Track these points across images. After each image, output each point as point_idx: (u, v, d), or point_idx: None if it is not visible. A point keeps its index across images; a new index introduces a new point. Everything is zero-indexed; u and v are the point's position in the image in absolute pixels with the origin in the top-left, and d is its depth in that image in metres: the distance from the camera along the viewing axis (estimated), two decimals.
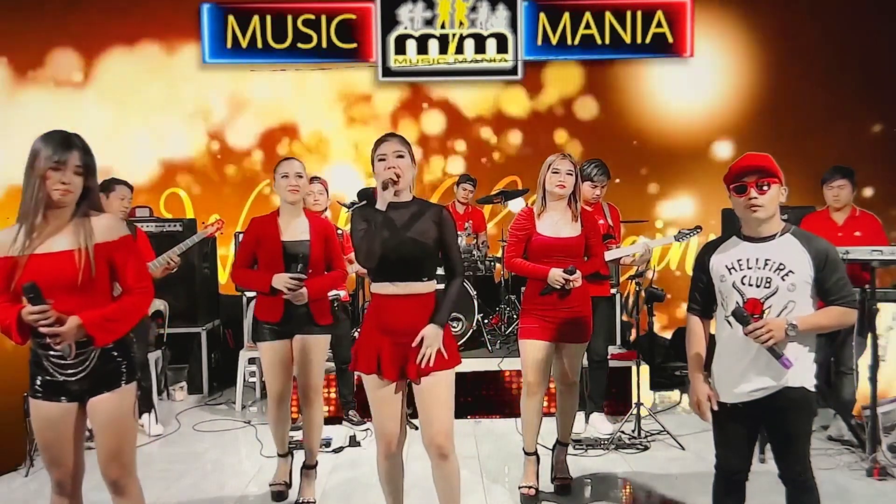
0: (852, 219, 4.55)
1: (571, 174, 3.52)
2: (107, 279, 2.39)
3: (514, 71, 7.26)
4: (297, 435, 4.37)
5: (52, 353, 2.30)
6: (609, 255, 4.42)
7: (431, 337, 2.67)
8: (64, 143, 2.30)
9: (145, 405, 4.73)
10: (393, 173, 2.65)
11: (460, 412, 2.77)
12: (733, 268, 2.46)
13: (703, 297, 2.60)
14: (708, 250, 2.58)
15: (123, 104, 7.10)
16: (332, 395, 5.08)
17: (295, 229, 3.54)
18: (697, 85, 7.20)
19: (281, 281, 3.39)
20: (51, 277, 2.26)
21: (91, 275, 2.31)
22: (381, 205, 2.62)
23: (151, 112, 7.14)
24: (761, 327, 2.32)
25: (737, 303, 2.43)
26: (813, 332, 2.41)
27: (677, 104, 7.23)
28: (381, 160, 2.71)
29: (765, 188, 2.39)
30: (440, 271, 2.83)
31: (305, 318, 3.51)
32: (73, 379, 2.33)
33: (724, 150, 7.17)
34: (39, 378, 2.35)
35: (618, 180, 5.60)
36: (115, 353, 2.39)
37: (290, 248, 3.49)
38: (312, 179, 4.66)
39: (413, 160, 2.78)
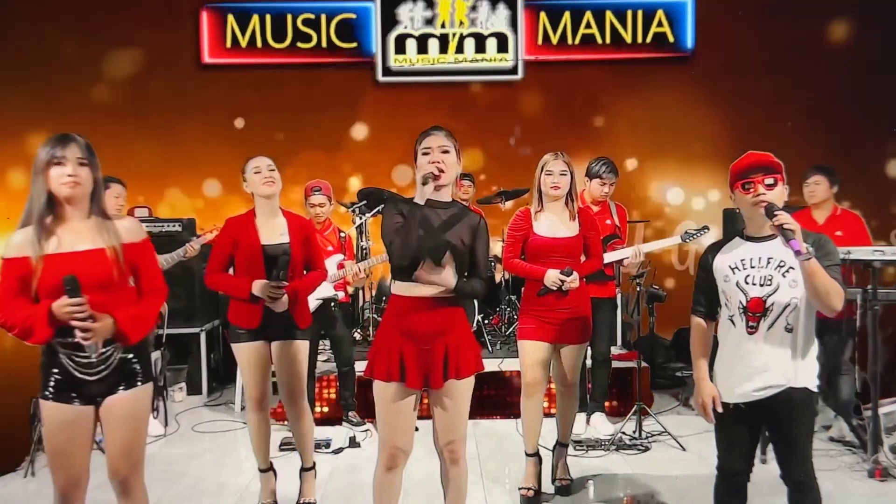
0: (833, 217, 4.51)
1: (566, 174, 3.50)
2: (128, 280, 2.44)
3: (514, 70, 7.27)
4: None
5: (76, 351, 2.31)
6: (608, 257, 4.40)
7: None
8: (62, 138, 2.34)
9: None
10: (435, 167, 2.54)
11: None
12: (737, 267, 2.47)
13: (706, 298, 2.61)
14: (711, 251, 2.58)
15: None
16: (329, 396, 5.09)
17: (273, 230, 3.39)
18: None
19: (262, 288, 3.26)
20: (81, 275, 2.26)
21: (119, 274, 2.36)
22: (419, 199, 2.51)
23: None
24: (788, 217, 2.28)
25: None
26: (809, 282, 2.28)
27: None
28: (424, 153, 2.58)
29: (772, 185, 2.39)
30: None
31: (286, 322, 3.39)
32: (94, 379, 2.34)
33: None
34: (53, 379, 2.35)
35: None
36: (131, 355, 2.42)
37: (270, 251, 3.33)
38: (313, 190, 4.67)
39: (459, 158, 2.65)
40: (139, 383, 2.43)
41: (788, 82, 7.01)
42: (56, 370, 2.35)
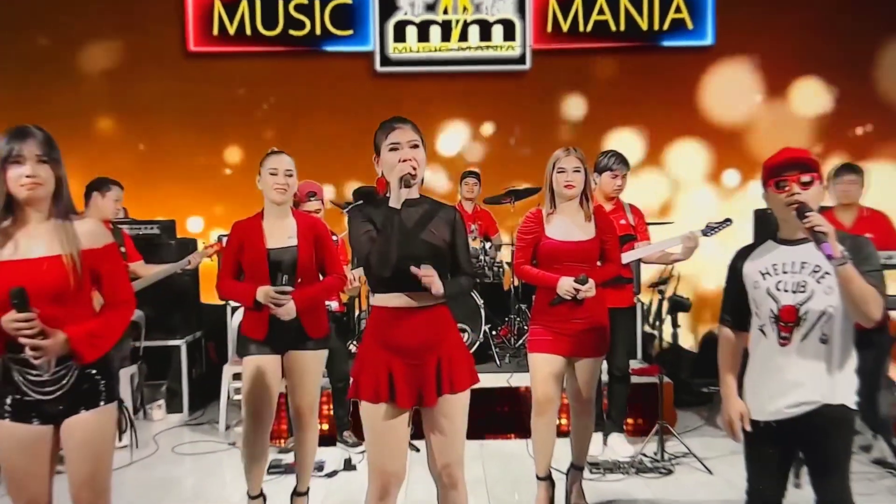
0: (861, 219, 4.42)
1: (579, 171, 3.45)
2: (89, 289, 2.36)
3: (521, 60, 7.25)
4: (287, 458, 4.35)
5: (28, 368, 2.26)
6: (629, 256, 4.33)
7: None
8: (18, 132, 2.27)
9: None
10: (410, 167, 2.50)
11: (466, 432, 2.73)
12: (768, 273, 2.42)
13: (736, 307, 2.56)
14: (741, 256, 2.54)
15: None
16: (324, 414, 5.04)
17: (281, 233, 3.37)
18: None
19: (264, 295, 3.22)
20: (33, 285, 2.20)
21: (76, 284, 2.28)
22: (395, 203, 2.45)
23: None
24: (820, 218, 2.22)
25: (772, 310, 2.38)
26: (844, 289, 2.24)
27: None
28: (392, 150, 2.54)
29: (807, 183, 2.34)
30: None
31: (297, 333, 3.36)
32: (49, 398, 2.30)
33: None
34: (10, 398, 2.31)
35: None
36: (94, 372, 2.36)
37: (275, 255, 3.33)
38: (309, 196, 4.62)
39: (425, 150, 2.62)
40: (102, 403, 2.37)
41: None
42: (12, 388, 2.31)
